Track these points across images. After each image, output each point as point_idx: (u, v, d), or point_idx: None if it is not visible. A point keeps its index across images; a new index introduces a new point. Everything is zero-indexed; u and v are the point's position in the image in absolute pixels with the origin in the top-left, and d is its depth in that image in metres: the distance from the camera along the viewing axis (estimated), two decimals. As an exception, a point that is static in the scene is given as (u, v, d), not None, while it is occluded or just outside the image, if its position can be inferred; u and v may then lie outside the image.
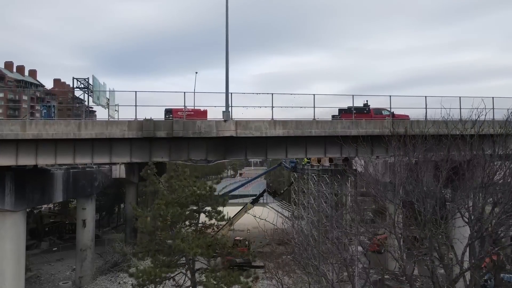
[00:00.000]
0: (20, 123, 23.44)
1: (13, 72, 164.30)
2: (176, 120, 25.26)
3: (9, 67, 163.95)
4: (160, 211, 17.27)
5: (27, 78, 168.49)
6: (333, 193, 35.27)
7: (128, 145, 25.39)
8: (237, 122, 26.49)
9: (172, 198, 18.02)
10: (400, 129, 29.56)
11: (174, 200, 17.97)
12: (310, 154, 28.86)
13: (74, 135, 24.02)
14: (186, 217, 18.21)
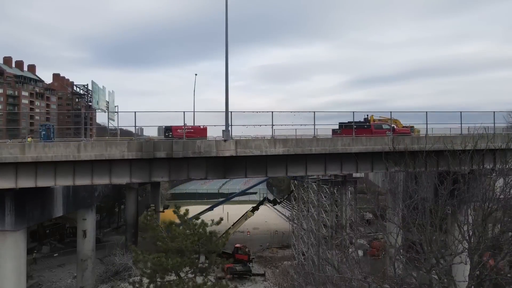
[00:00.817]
0: (19, 146, 23.34)
1: (12, 68, 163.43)
2: (176, 141, 25.17)
3: (8, 62, 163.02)
4: (160, 261, 17.25)
5: (26, 73, 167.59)
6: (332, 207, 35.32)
7: (128, 165, 25.33)
8: (237, 141, 26.41)
9: (172, 246, 18.00)
10: (400, 145, 29.50)
11: (175, 247, 17.95)
12: (310, 172, 28.79)
13: (74, 157, 23.95)
14: (186, 264, 18.22)
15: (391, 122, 32.70)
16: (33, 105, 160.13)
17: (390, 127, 31.10)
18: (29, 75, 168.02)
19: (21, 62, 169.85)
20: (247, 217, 47.12)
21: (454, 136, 30.64)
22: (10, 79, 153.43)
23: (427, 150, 30.04)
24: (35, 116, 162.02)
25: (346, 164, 29.10)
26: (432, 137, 30.06)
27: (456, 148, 30.58)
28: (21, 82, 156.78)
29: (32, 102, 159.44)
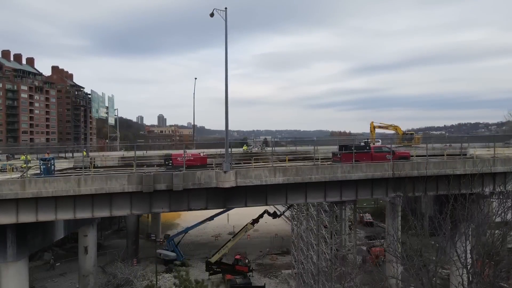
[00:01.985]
0: (20, 182, 23.34)
1: (11, 61, 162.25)
2: (176, 174, 25.15)
3: (6, 55, 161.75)
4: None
5: (25, 67, 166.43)
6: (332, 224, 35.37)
7: (128, 197, 25.39)
8: (237, 171, 26.41)
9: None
10: (400, 172, 29.51)
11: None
12: (310, 199, 28.87)
13: (74, 192, 24.02)
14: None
15: (390, 146, 32.54)
16: (33, 99, 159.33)
17: (390, 150, 30.98)
18: (27, 68, 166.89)
19: (19, 55, 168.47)
20: (247, 229, 47.42)
21: (454, 161, 30.57)
22: (9, 73, 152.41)
23: (427, 175, 30.12)
24: (34, 110, 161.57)
25: (346, 190, 29.15)
26: (431, 162, 29.99)
27: (456, 172, 30.60)
28: (20, 76, 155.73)
29: (32, 96, 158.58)
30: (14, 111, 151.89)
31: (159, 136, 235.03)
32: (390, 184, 29.94)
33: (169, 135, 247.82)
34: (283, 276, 48.26)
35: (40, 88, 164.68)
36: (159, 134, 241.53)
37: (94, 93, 54.05)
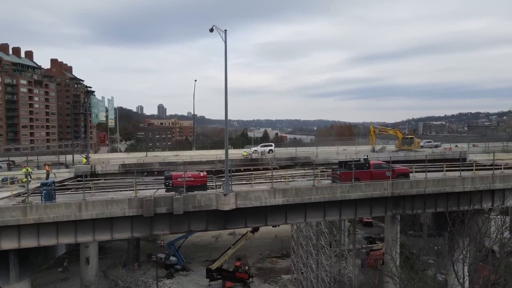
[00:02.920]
0: (21, 208, 23.50)
1: (9, 55, 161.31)
2: (176, 198, 25.29)
3: (5, 49, 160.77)
4: None
5: (24, 61, 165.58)
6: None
7: (129, 221, 25.59)
8: (237, 193, 26.58)
9: None
10: (400, 190, 29.66)
11: None
12: (309, 218, 29.07)
13: (75, 217, 24.23)
14: None
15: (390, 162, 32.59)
16: (32, 94, 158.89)
17: (389, 167, 31.03)
18: (26, 62, 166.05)
19: (18, 48, 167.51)
20: (246, 238, 47.80)
21: (453, 179, 30.68)
22: (8, 68, 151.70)
23: (426, 193, 30.28)
24: (34, 104, 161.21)
25: (345, 209, 29.35)
26: (431, 181, 30.11)
27: (455, 190, 30.75)
28: (19, 70, 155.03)
29: (31, 90, 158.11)
30: (13, 106, 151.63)
31: (159, 128, 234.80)
32: (389, 202, 30.14)
33: (169, 127, 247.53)
34: (282, 281, 48.79)
35: (39, 82, 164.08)
36: (159, 127, 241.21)
37: (94, 97, 54.00)
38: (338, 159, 52.95)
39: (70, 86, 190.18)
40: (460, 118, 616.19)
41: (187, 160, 51.10)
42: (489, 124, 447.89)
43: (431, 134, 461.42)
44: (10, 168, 46.06)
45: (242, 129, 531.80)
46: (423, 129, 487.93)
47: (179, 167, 49.74)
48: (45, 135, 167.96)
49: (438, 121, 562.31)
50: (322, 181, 33.87)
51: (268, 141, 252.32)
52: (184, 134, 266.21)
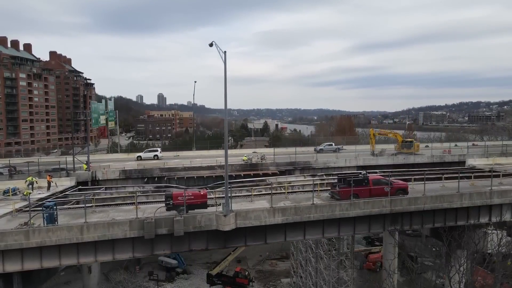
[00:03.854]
0: (24, 232, 23.80)
1: (8, 48, 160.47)
2: (177, 220, 25.56)
3: (3, 42, 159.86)
4: None
5: (23, 54, 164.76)
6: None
7: (130, 242, 25.90)
8: (237, 213, 26.85)
9: None
10: (398, 207, 29.93)
11: None
12: (308, 236, 29.40)
13: (77, 239, 24.55)
14: None
15: (389, 177, 32.78)
16: (31, 87, 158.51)
17: (389, 181, 31.22)
18: (25, 55, 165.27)
19: (16, 41, 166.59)
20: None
21: (451, 195, 30.91)
22: (6, 61, 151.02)
23: (424, 210, 30.56)
24: (33, 98, 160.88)
25: (344, 226, 29.66)
26: (429, 197, 30.35)
27: (453, 206, 31.04)
28: (18, 64, 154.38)
29: (30, 84, 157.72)
30: (13, 100, 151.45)
31: (159, 120, 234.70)
32: (388, 218, 30.44)
33: (169, 119, 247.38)
34: (282, 285, 49.49)
35: (38, 75, 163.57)
36: (159, 119, 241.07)
37: (94, 103, 53.94)
38: (337, 164, 53.36)
39: (70, 79, 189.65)
40: (460, 108, 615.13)
41: (187, 165, 51.24)
42: (489, 114, 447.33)
43: (432, 124, 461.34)
44: (12, 175, 46.22)
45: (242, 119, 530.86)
46: (423, 119, 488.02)
47: (180, 173, 50.11)
48: (45, 129, 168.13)
49: (439, 110, 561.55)
50: (321, 193, 34.21)
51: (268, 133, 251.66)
52: (184, 125, 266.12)
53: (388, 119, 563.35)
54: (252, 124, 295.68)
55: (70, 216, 28.63)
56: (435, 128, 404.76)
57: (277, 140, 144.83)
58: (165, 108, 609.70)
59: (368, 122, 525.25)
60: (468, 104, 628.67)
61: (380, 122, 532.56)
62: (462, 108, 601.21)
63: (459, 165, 55.77)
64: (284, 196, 33.59)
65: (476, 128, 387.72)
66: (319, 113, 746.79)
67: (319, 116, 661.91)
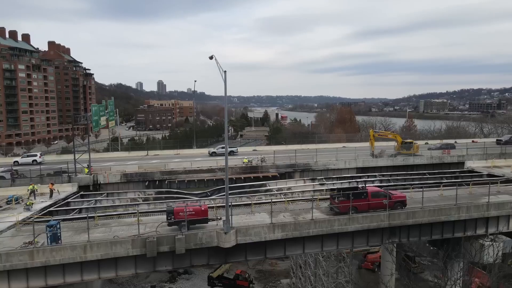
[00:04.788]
0: (28, 252, 24.26)
1: (6, 39, 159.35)
2: (179, 238, 26.00)
3: (1, 33, 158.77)
4: None
5: (21, 44, 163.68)
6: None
7: (133, 259, 26.39)
8: (237, 230, 27.29)
9: None
10: (396, 221, 30.36)
11: None
12: (307, 250, 29.90)
13: (81, 258, 25.03)
14: None
15: (388, 189, 33.12)
16: (31, 78, 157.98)
17: (387, 194, 31.57)
18: (24, 46, 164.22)
19: (14, 32, 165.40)
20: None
21: (449, 208, 31.29)
22: (5, 52, 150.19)
23: (422, 223, 31.01)
24: (33, 89, 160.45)
25: (343, 240, 30.13)
26: (427, 211, 30.74)
27: (450, 219, 31.47)
28: (17, 55, 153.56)
29: (29, 75, 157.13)
30: (12, 91, 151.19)
31: (159, 110, 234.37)
32: (386, 231, 30.90)
33: (169, 109, 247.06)
34: (282, 286, 50.38)
35: (37, 66, 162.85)
36: (159, 108, 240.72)
37: (94, 106, 54.00)
38: (337, 166, 53.65)
39: (69, 69, 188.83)
40: (461, 95, 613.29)
41: (188, 167, 51.53)
42: (490, 102, 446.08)
43: (432, 111, 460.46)
44: (14, 179, 46.56)
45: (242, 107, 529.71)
46: (424, 106, 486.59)
47: (181, 176, 50.46)
48: (45, 120, 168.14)
49: (440, 98, 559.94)
50: (321, 203, 34.65)
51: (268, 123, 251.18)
52: (184, 114, 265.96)
53: (389, 107, 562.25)
54: (253, 113, 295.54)
55: (73, 230, 29.11)
56: (435, 116, 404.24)
57: (277, 132, 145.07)
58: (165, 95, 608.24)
59: (369, 109, 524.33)
60: (469, 91, 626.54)
61: (381, 109, 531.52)
62: (463, 95, 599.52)
63: (458, 166, 56.13)
64: (284, 206, 34.01)
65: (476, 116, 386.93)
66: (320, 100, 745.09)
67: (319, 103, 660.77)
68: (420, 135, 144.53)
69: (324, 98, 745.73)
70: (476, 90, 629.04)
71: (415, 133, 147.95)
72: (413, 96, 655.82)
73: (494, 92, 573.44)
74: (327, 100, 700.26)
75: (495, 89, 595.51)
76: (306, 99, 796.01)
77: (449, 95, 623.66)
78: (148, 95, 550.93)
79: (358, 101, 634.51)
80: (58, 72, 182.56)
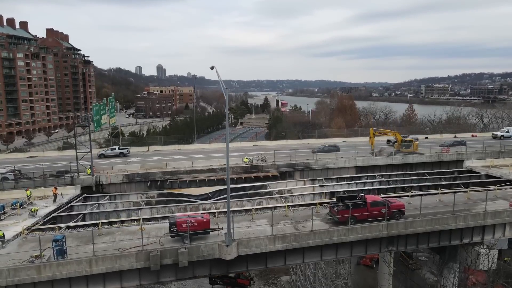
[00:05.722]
0: (36, 267, 24.94)
1: (4, 26, 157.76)
2: (182, 252, 26.66)
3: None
4: None
5: (19, 32, 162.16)
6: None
7: (137, 272, 27.12)
8: (239, 242, 27.93)
9: None
10: (394, 231, 30.99)
11: None
12: (307, 260, 30.60)
13: (86, 272, 25.73)
14: None
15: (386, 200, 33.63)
16: (30, 67, 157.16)
17: (386, 203, 32.09)
18: (22, 33, 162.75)
19: (12, 19, 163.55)
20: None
21: (446, 218, 31.86)
22: (3, 41, 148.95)
23: (420, 232, 31.67)
24: (32, 78, 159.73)
25: (341, 250, 30.84)
26: (424, 221, 31.32)
27: (447, 228, 32.10)
28: (15, 43, 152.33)
29: (28, 63, 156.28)
30: (12, 80, 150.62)
31: (159, 97, 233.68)
32: (384, 240, 31.57)
33: (169, 96, 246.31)
34: (282, 283, 51.53)
35: (36, 55, 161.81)
36: (159, 96, 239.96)
37: (96, 105, 54.12)
38: (336, 164, 54.08)
39: (68, 57, 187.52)
40: (463, 79, 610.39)
41: (189, 167, 51.97)
42: (492, 87, 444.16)
43: (433, 97, 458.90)
44: (17, 179, 47.05)
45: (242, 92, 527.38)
46: (425, 92, 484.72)
47: (182, 176, 50.96)
48: (45, 109, 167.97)
49: (441, 82, 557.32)
50: (321, 209, 35.28)
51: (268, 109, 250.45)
52: (184, 101, 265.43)
53: (390, 92, 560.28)
54: (253, 100, 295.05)
55: (77, 239, 29.76)
56: (436, 101, 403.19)
57: (277, 122, 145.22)
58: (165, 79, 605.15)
59: (369, 94, 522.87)
60: (471, 76, 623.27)
61: (381, 94, 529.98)
62: (464, 80, 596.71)
63: (457, 165, 56.60)
64: (284, 214, 34.59)
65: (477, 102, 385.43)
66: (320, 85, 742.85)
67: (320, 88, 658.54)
68: (419, 124, 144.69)
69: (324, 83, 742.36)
70: (478, 74, 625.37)
71: (415, 122, 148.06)
72: (414, 81, 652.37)
73: (496, 77, 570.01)
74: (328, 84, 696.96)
75: (497, 73, 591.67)
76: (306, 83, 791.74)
77: (450, 79, 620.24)
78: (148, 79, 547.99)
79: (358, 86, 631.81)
80: (57, 60, 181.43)
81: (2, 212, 35.74)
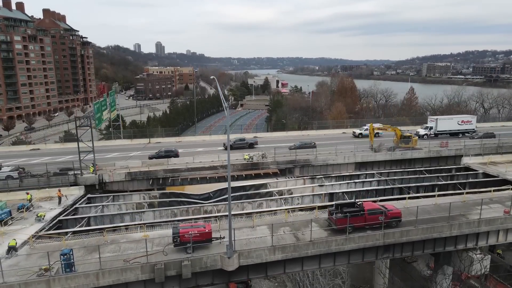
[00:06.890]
0: (45, 281, 25.97)
1: (0, 8, 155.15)
2: (185, 265, 27.66)
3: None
4: None
5: (16, 14, 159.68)
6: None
7: (142, 283, 28.19)
8: (240, 253, 28.91)
9: None
10: (390, 239, 31.96)
11: None
12: (306, 268, 31.65)
13: (94, 285, 26.80)
14: None
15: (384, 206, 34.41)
16: (27, 50, 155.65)
17: (383, 211, 32.90)
18: (19, 15, 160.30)
19: (8, 1, 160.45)
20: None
21: (441, 226, 32.72)
22: (0, 23, 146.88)
23: (415, 240, 32.66)
24: (30, 61, 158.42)
25: (339, 258, 31.87)
26: (420, 229, 32.22)
27: (442, 236, 33.05)
28: (12, 26, 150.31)
29: (26, 46, 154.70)
30: (10, 64, 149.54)
31: (158, 79, 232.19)
32: (380, 248, 32.55)
33: (168, 77, 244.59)
34: (281, 278, 53.07)
35: (34, 37, 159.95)
36: (159, 76, 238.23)
37: (96, 103, 54.26)
38: (336, 161, 54.75)
39: (65, 39, 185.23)
40: (466, 57, 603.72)
41: (190, 165, 52.63)
42: (495, 65, 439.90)
43: (435, 75, 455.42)
44: (22, 178, 47.76)
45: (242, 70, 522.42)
46: (427, 70, 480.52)
47: (183, 173, 51.73)
48: (45, 92, 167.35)
49: (443, 60, 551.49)
50: (320, 213, 36.22)
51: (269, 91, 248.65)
52: (184, 81, 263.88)
53: (391, 70, 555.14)
54: (253, 80, 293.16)
55: (84, 248, 30.74)
56: (438, 80, 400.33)
57: (278, 106, 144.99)
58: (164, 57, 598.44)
59: (371, 73, 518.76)
60: (474, 53, 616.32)
61: (383, 73, 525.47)
62: (467, 58, 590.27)
63: (455, 160, 57.29)
64: (284, 219, 35.47)
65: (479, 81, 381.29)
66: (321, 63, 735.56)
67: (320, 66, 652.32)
68: (420, 108, 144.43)
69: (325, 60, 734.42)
70: (481, 52, 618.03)
71: (415, 106, 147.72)
72: (416, 58, 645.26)
73: (499, 54, 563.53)
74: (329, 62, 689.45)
75: (500, 50, 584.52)
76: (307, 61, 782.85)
77: (453, 57, 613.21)
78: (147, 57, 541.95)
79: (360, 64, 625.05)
80: (54, 42, 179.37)
81: (10, 217, 36.65)
